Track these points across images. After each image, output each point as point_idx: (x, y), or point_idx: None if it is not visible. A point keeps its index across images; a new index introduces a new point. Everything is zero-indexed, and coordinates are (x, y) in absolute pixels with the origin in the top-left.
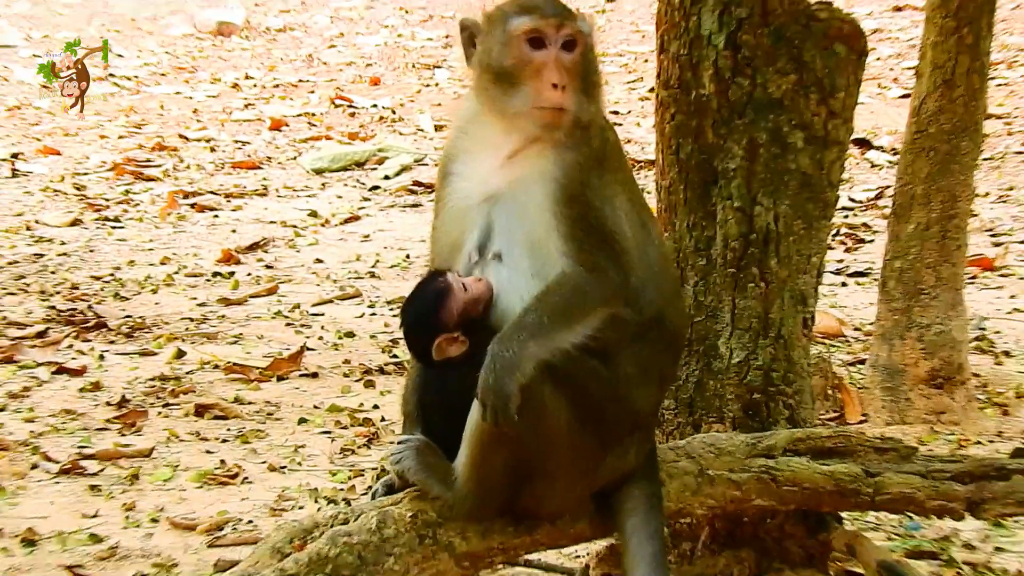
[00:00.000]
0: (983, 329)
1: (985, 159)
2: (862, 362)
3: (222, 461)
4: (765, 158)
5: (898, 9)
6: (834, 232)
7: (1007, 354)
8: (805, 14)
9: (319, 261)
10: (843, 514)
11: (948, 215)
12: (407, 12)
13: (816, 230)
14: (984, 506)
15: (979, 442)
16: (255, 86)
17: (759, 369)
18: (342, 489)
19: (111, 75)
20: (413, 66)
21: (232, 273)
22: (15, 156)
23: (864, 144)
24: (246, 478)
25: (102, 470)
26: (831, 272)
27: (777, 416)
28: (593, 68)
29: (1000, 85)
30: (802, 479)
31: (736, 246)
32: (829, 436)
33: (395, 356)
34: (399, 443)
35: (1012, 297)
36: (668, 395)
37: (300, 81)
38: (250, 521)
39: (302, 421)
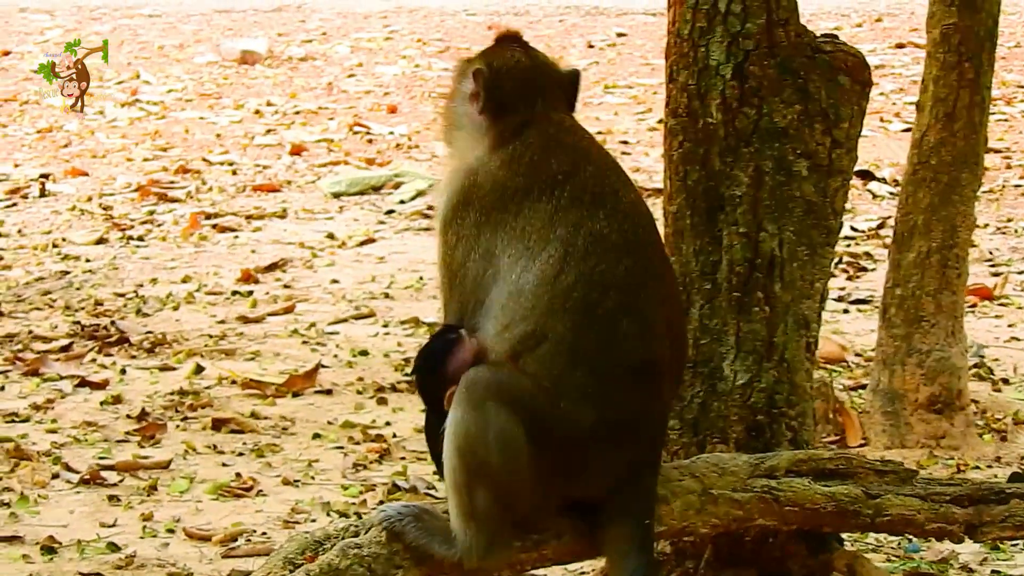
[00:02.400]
0: (982, 356)
1: (984, 191)
2: (863, 387)
3: (237, 474)
4: (770, 185)
5: (900, 46)
6: (836, 260)
7: (1005, 381)
8: (811, 46)
9: (335, 281)
10: (844, 535)
11: (948, 244)
12: (424, 44)
13: (820, 256)
14: (983, 529)
15: (977, 467)
16: (276, 112)
17: (762, 391)
18: (354, 503)
19: (138, 100)
20: (429, 95)
21: (251, 292)
22: (44, 177)
23: (866, 176)
24: (260, 491)
25: (121, 481)
26: (833, 299)
27: (780, 438)
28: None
29: (999, 120)
30: (803, 499)
31: (741, 271)
32: (830, 458)
33: (407, 375)
34: (398, 510)
35: (1010, 326)
36: (673, 416)
37: (320, 108)
38: (264, 533)
39: (316, 436)
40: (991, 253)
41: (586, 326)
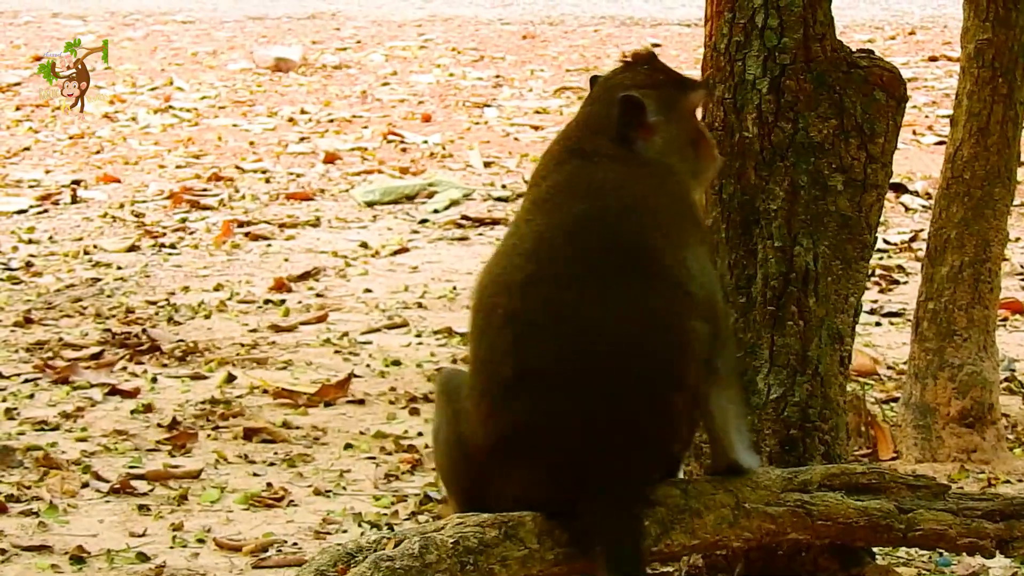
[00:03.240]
0: (1012, 370)
1: (1016, 205)
2: (895, 400)
3: (269, 484)
4: (805, 200)
5: (933, 59)
6: (869, 273)
7: None
8: (847, 61)
9: (368, 291)
10: (875, 549)
11: (981, 259)
12: (459, 52)
13: (854, 271)
14: (1014, 544)
15: (1008, 481)
16: (310, 120)
17: (796, 405)
18: (385, 514)
19: (171, 107)
20: (464, 104)
21: (283, 301)
22: (76, 183)
23: (899, 188)
24: (292, 501)
25: (151, 490)
26: (866, 312)
27: (813, 452)
28: None
29: None
30: (836, 514)
31: (776, 285)
32: (863, 472)
33: None
34: None
35: None
36: (704, 429)
37: (354, 116)
38: (295, 543)
39: (348, 447)
40: (1023, 267)
41: (483, 327)
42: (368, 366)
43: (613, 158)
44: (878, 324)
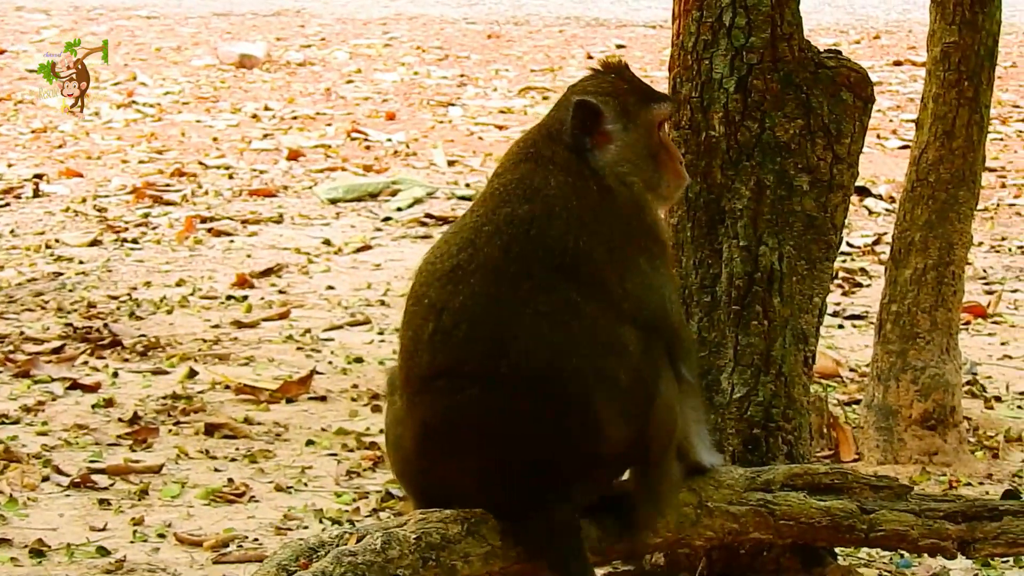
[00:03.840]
0: (975, 374)
1: (980, 210)
2: (857, 402)
3: (230, 479)
4: (771, 199)
5: (898, 63)
6: (833, 276)
7: (997, 399)
8: (814, 61)
9: (331, 288)
10: (837, 549)
11: (945, 262)
12: (423, 51)
13: (819, 271)
14: (975, 546)
15: (969, 483)
16: (274, 117)
17: (759, 405)
18: (347, 511)
19: (134, 102)
20: (428, 103)
21: (246, 297)
22: (38, 177)
23: (863, 192)
24: (253, 497)
25: (112, 485)
26: (828, 315)
27: (776, 451)
28: None
29: (995, 139)
30: (798, 513)
31: (741, 284)
32: (826, 472)
33: None
34: None
35: (1003, 343)
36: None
37: (318, 114)
38: (256, 539)
39: (310, 443)
40: (985, 271)
41: (410, 316)
42: (330, 363)
43: (562, 166)
44: (841, 327)
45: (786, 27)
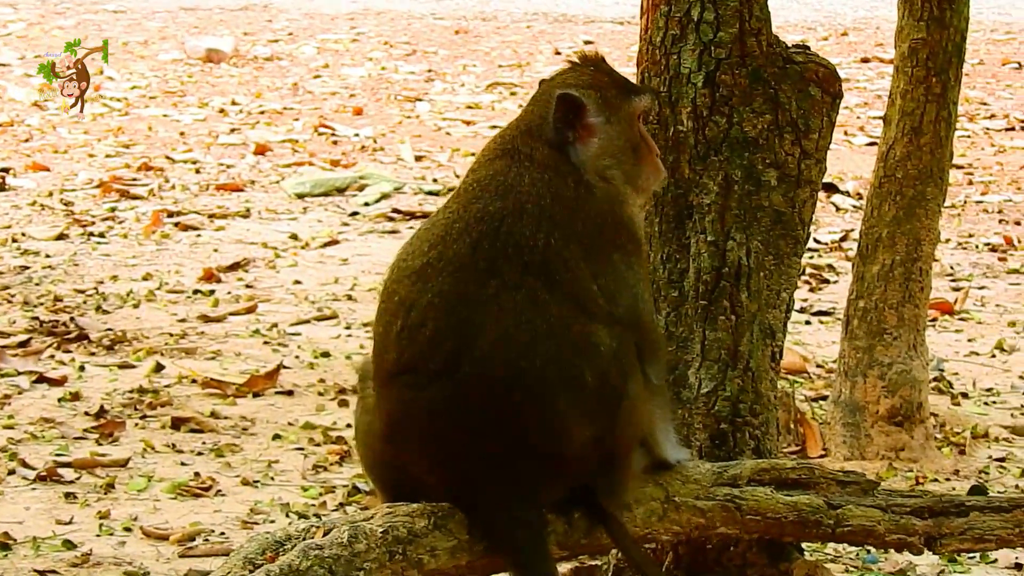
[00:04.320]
0: (941, 370)
1: (947, 207)
2: (824, 398)
3: (196, 473)
4: (739, 195)
5: (865, 60)
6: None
7: (964, 395)
8: (782, 56)
9: (298, 282)
10: (804, 544)
11: (912, 258)
12: (391, 46)
13: (787, 266)
14: (942, 541)
15: (936, 479)
16: (241, 112)
17: (727, 400)
18: (313, 505)
19: (101, 96)
20: (395, 98)
21: (212, 291)
22: (5, 171)
23: (830, 188)
24: (219, 491)
25: (78, 478)
26: (795, 311)
27: (743, 446)
28: None
29: (962, 136)
30: (765, 508)
31: (708, 279)
32: (793, 468)
33: None
34: None
35: (970, 340)
36: None
37: (285, 108)
38: (222, 533)
39: (276, 437)
40: (952, 268)
41: (382, 311)
42: (297, 357)
43: (540, 162)
44: (808, 323)
45: (754, 22)
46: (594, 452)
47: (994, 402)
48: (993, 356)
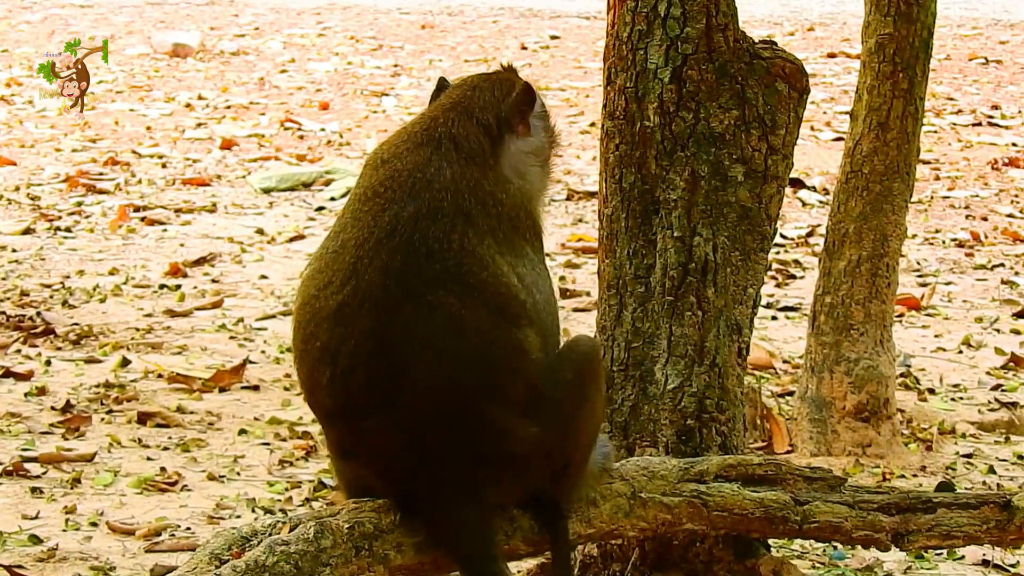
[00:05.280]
0: (908, 366)
1: (913, 203)
2: (790, 394)
3: (162, 468)
4: (706, 190)
5: (832, 56)
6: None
7: (931, 391)
8: (749, 52)
9: (264, 277)
10: (771, 541)
11: (879, 253)
12: (357, 41)
13: (753, 262)
14: (909, 538)
15: (903, 476)
16: (208, 107)
17: (693, 396)
18: (279, 500)
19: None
20: (362, 93)
21: (178, 286)
22: None
23: (797, 184)
24: (185, 486)
25: (45, 473)
26: (762, 307)
27: (710, 442)
28: None
29: (928, 132)
30: (732, 505)
31: (675, 275)
32: (760, 464)
33: None
34: None
35: (937, 336)
36: (604, 418)
37: (251, 103)
38: (188, 528)
39: (242, 432)
40: (919, 264)
41: (302, 352)
42: (263, 352)
43: (468, 152)
44: (774, 318)
45: (721, 17)
46: (541, 453)
47: (961, 398)
48: (960, 352)
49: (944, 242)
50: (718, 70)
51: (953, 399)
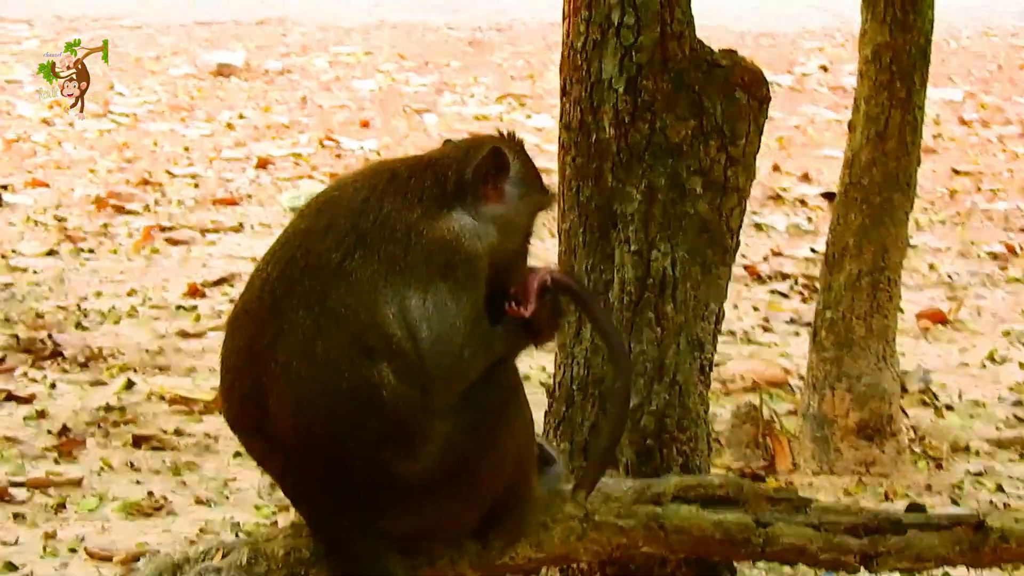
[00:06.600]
0: (928, 382)
1: (951, 215)
2: None
3: (150, 493)
4: (663, 203)
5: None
6: (793, 282)
7: (949, 407)
8: (707, 60)
9: None
10: (737, 564)
11: (880, 267)
12: (403, 58)
13: (715, 276)
14: (878, 560)
15: (907, 494)
16: (248, 126)
17: (653, 415)
18: (265, 524)
19: (110, 111)
20: (404, 110)
21: (195, 307)
22: (3, 188)
23: (830, 197)
24: (171, 510)
25: (30, 498)
26: (785, 322)
27: (671, 463)
28: None
29: (974, 143)
30: (690, 527)
31: (632, 290)
32: (720, 484)
33: None
34: None
35: (961, 351)
36: (563, 438)
37: (292, 122)
38: (167, 554)
39: (237, 455)
40: (950, 277)
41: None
42: None
43: (410, 196)
44: (797, 334)
45: (676, 25)
46: (439, 485)
47: (980, 414)
48: (984, 367)
49: (979, 255)
50: (674, 79)
51: (971, 415)
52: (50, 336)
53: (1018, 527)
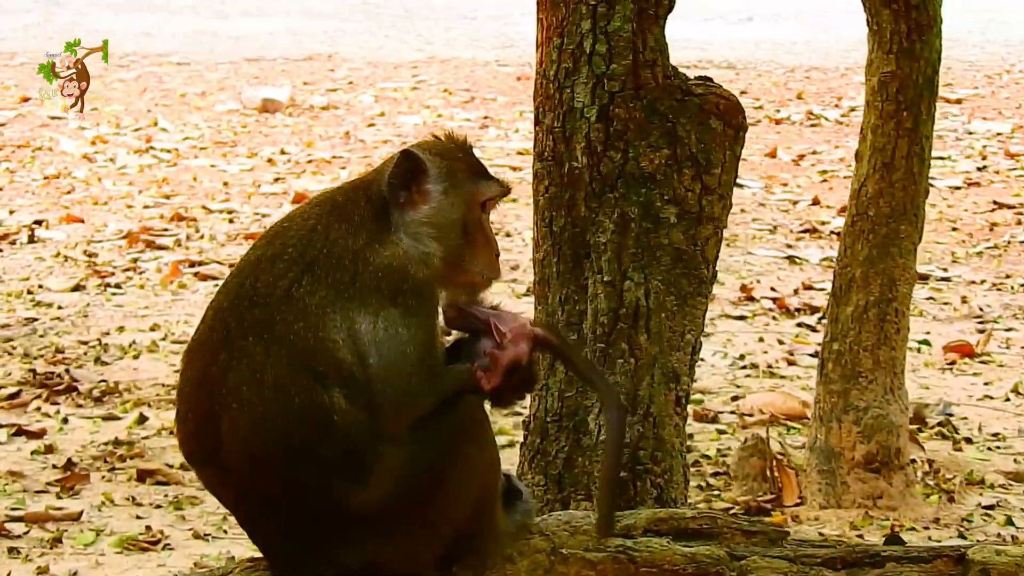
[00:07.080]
0: (949, 415)
1: (988, 247)
2: None
3: (148, 527)
4: (636, 232)
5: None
6: (821, 316)
7: (968, 440)
8: (680, 88)
9: None
10: None
11: (887, 298)
12: (450, 93)
13: (690, 307)
14: None
15: (914, 528)
16: (289, 161)
17: (625, 447)
18: (260, 558)
19: (152, 147)
20: None
21: None
22: (38, 223)
23: None
24: (168, 544)
25: (27, 532)
26: (809, 355)
27: (645, 495)
28: None
29: (1020, 176)
30: (661, 560)
31: (605, 321)
32: (693, 517)
33: None
34: None
35: (987, 384)
36: (538, 471)
37: (334, 157)
38: None
39: None
40: (981, 309)
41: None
42: None
43: (350, 216)
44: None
45: (649, 53)
46: (395, 516)
47: (999, 447)
48: (1007, 400)
49: (1013, 288)
50: (647, 107)
51: (990, 448)
52: (67, 371)
53: (1000, 560)
